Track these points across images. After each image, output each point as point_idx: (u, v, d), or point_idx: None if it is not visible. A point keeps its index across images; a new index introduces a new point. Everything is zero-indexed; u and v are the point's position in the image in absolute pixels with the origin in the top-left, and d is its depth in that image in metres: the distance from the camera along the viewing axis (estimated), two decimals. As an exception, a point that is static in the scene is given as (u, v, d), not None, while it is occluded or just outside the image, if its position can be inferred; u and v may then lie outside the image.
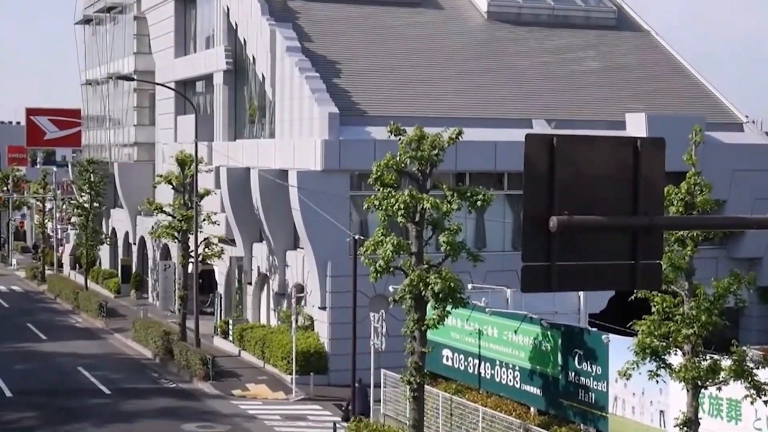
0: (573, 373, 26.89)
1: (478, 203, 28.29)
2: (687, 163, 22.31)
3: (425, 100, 42.78)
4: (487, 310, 29.80)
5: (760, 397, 21.49)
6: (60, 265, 73.85)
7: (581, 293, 31.62)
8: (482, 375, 30.28)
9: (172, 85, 54.41)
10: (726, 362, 21.73)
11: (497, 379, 29.64)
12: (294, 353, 37.78)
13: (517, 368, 28.82)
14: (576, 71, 47.53)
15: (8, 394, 37.82)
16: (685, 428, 22.18)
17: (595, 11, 52.03)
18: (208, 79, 52.86)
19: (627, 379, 22.77)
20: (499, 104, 43.76)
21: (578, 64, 48.17)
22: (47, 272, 70.78)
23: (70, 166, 74.31)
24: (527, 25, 50.05)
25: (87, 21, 72.21)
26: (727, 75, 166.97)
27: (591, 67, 48.23)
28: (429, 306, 28.01)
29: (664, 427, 24.13)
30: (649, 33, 51.92)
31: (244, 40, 46.90)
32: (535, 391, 28.22)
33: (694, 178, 22.20)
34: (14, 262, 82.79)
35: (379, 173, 28.12)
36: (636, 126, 42.14)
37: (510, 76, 46.10)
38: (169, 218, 47.09)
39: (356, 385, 33.14)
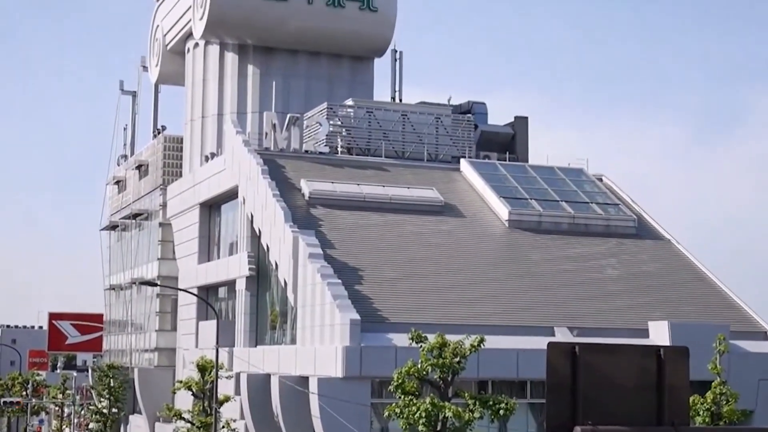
0: None
1: (501, 412, 28.02)
2: (712, 372, 22.11)
3: (447, 306, 42.78)
4: None
5: None
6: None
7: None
8: None
9: (195, 291, 54.73)
10: None
11: None
12: None
13: None
14: (597, 279, 47.66)
15: None
16: None
17: (615, 220, 52.52)
18: (230, 284, 53.18)
19: None
20: (520, 311, 43.73)
21: (600, 272, 48.33)
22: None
23: (90, 371, 74.19)
24: (548, 233, 50.48)
25: (113, 227, 73.42)
26: (750, 284, 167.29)
27: (612, 274, 48.38)
28: None
29: None
30: (669, 241, 52.22)
31: (267, 246, 47.37)
32: None
33: (719, 388, 21.97)
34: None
35: (400, 381, 27.98)
36: (659, 334, 41.90)
37: (531, 283, 46.22)
38: (188, 425, 46.59)
39: None
